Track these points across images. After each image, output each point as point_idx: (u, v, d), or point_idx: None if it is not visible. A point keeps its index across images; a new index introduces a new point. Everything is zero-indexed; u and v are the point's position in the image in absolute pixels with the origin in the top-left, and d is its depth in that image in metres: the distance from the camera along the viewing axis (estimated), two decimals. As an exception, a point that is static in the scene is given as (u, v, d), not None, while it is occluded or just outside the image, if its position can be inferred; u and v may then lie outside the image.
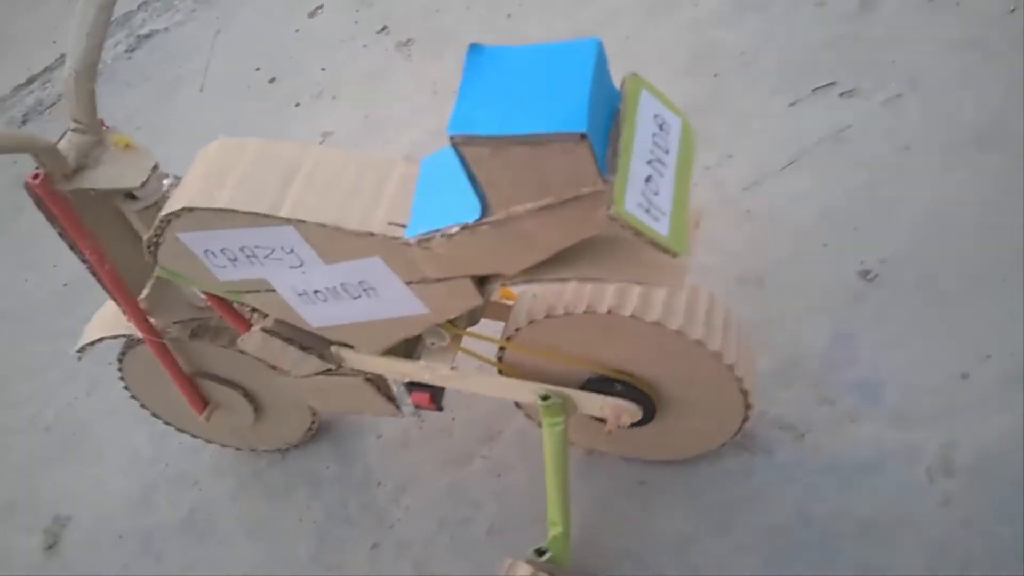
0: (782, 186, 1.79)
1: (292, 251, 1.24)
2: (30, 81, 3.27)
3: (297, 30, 2.86)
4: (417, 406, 1.51)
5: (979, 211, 1.63)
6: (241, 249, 1.27)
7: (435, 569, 1.58)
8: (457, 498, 1.65)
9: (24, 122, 3.12)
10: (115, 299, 1.48)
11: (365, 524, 1.69)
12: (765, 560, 1.39)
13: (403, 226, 1.17)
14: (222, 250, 1.28)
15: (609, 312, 1.27)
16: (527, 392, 1.41)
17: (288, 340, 1.42)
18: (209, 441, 1.89)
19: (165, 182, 1.34)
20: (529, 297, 1.36)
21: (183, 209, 1.22)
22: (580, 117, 0.92)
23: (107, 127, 1.35)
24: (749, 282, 1.68)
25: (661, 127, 1.03)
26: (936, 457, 1.39)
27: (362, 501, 1.72)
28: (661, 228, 0.99)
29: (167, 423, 1.86)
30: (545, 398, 1.38)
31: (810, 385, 1.50)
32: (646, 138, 1.00)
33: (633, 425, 1.41)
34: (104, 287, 1.46)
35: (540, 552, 1.36)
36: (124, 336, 1.61)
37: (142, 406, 1.82)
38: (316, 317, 1.36)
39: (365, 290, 1.27)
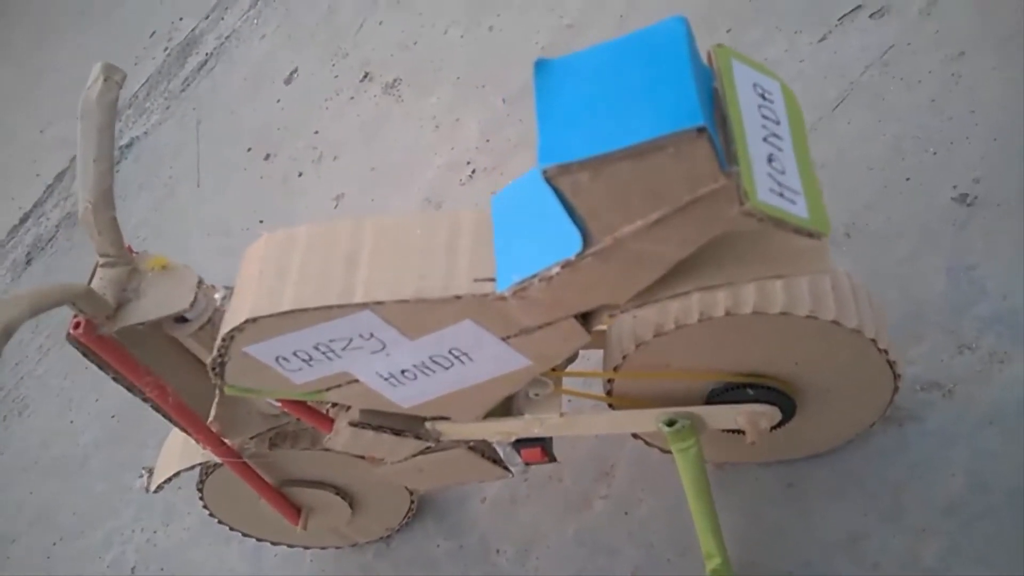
0: (842, 127, 1.64)
1: (372, 336, 1.11)
2: (24, 220, 3.16)
3: (278, 100, 2.73)
4: (528, 463, 1.37)
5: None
6: (316, 347, 1.14)
7: (587, 629, 1.43)
8: (589, 547, 1.50)
9: (28, 262, 3.00)
10: (185, 430, 1.35)
11: (496, 598, 1.54)
12: (951, 540, 1.23)
13: (491, 280, 1.03)
14: (295, 353, 1.16)
15: (727, 314, 1.12)
16: (649, 421, 1.26)
17: (379, 428, 1.29)
18: (307, 548, 1.75)
19: (217, 296, 1.22)
20: (628, 318, 1.21)
21: (246, 322, 1.09)
22: (693, 109, 0.78)
23: (136, 252, 1.23)
24: (835, 239, 1.53)
25: (763, 97, 0.88)
26: (1109, 379, 1.23)
27: (485, 572, 1.58)
28: (800, 210, 0.85)
29: (260, 539, 1.73)
30: (671, 423, 1.23)
31: (942, 334, 1.34)
32: (753, 114, 0.86)
33: (773, 427, 1.25)
34: (171, 420, 1.34)
35: (706, 589, 1.21)
36: (201, 464, 1.48)
37: (231, 528, 1.69)
38: (407, 397, 1.22)
39: (457, 357, 1.13)
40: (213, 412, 1.39)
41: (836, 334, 1.13)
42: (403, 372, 1.17)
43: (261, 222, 2.46)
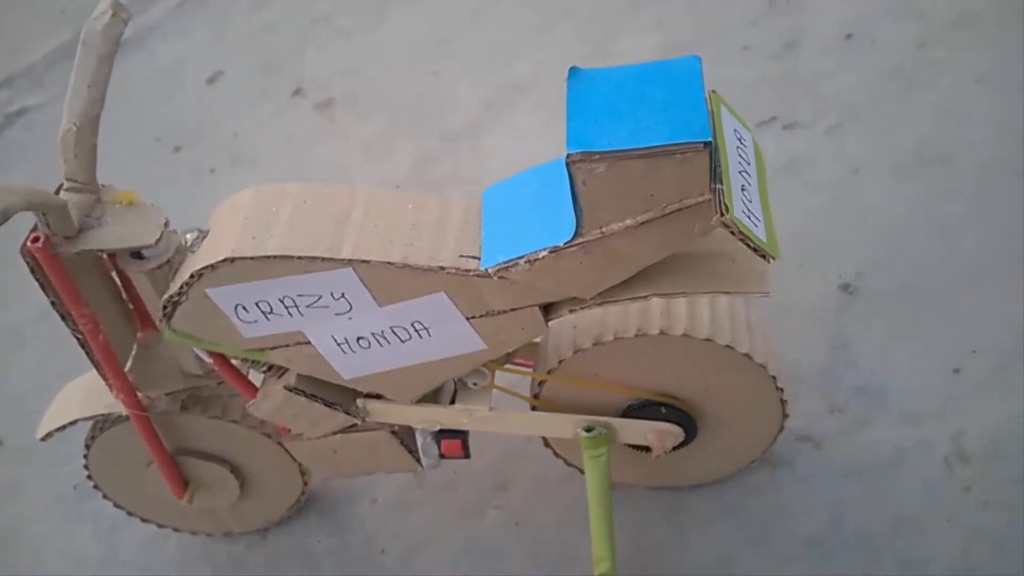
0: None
1: (342, 296, 1.23)
2: None
3: (197, 99, 2.82)
4: (445, 456, 1.50)
5: (934, 221, 1.82)
6: (281, 300, 1.25)
7: (466, 628, 1.55)
8: (476, 553, 1.64)
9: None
10: (103, 372, 1.41)
11: (376, 594, 1.65)
12: (810, 567, 1.47)
13: (476, 258, 1.19)
14: (257, 303, 1.26)
15: (661, 333, 1.33)
16: (569, 426, 1.43)
17: (312, 397, 1.39)
18: (176, 530, 1.79)
19: (188, 236, 1.30)
20: (568, 326, 1.40)
21: (224, 260, 1.19)
22: (703, 126, 1.00)
23: (103, 185, 1.30)
24: (735, 306, 1.79)
25: (740, 141, 1.12)
26: (949, 447, 1.53)
27: (367, 570, 1.68)
28: (762, 234, 1.07)
29: (131, 513, 1.75)
30: (589, 429, 1.42)
31: (817, 397, 1.61)
32: (733, 151, 1.09)
33: (672, 449, 1.46)
34: (92, 360, 1.40)
35: (592, 589, 1.38)
36: (101, 416, 1.53)
37: (104, 496, 1.71)
38: (352, 367, 1.34)
39: (417, 331, 1.27)
40: (131, 362, 1.47)
41: (745, 367, 1.36)
42: (359, 339, 1.30)
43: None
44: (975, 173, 1.87)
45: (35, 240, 1.23)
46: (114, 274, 1.42)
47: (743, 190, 1.09)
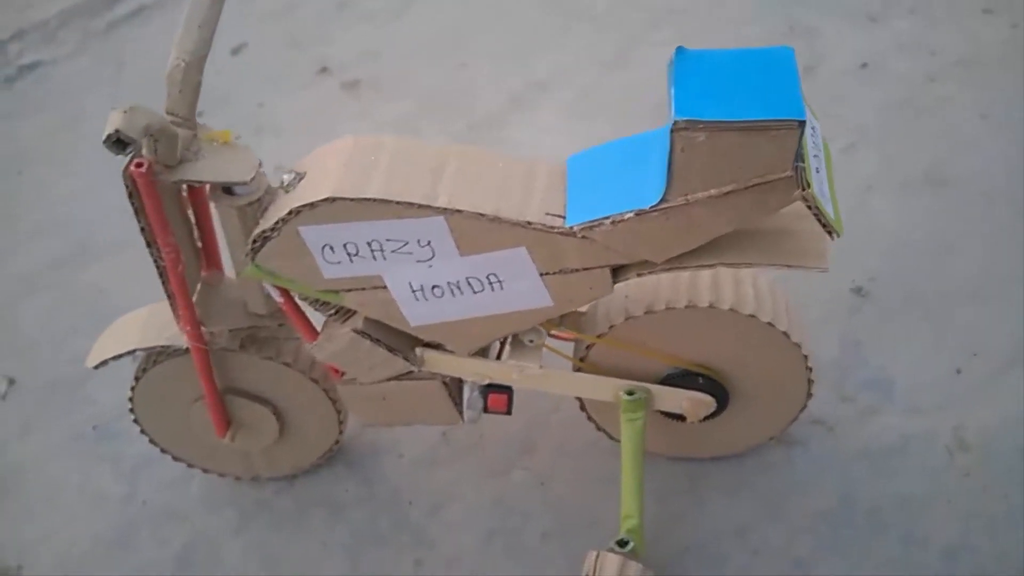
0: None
1: (428, 244, 1.34)
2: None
3: (220, 68, 2.89)
4: (489, 410, 1.60)
5: (940, 237, 2.00)
6: (369, 243, 1.34)
7: (491, 577, 1.66)
8: (502, 509, 1.75)
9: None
10: (174, 303, 1.49)
11: (402, 542, 1.74)
12: (819, 539, 1.61)
13: (560, 216, 1.31)
14: (345, 245, 1.35)
15: (710, 306, 1.46)
16: (611, 389, 1.55)
17: (377, 341, 1.49)
18: (206, 470, 1.86)
19: (285, 176, 1.39)
20: (620, 295, 1.52)
21: (325, 200, 1.29)
22: (799, 107, 1.13)
23: (201, 124, 1.38)
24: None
25: (813, 129, 1.26)
26: (951, 437, 1.69)
27: (394, 519, 1.77)
28: (830, 212, 1.21)
29: (164, 450, 1.82)
30: (631, 393, 1.54)
31: (830, 386, 1.75)
32: (808, 136, 1.22)
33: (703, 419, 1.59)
34: (167, 289, 1.48)
35: (622, 543, 1.49)
36: (160, 348, 1.60)
37: (141, 431, 1.78)
38: (421, 315, 1.44)
39: (491, 283, 1.38)
40: (196, 297, 1.55)
41: (783, 346, 1.50)
42: (434, 287, 1.40)
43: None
44: (977, 197, 2.06)
45: (139, 165, 1.32)
46: (189, 212, 1.50)
47: (817, 171, 1.23)
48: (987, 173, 2.10)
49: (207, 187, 1.40)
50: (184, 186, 1.43)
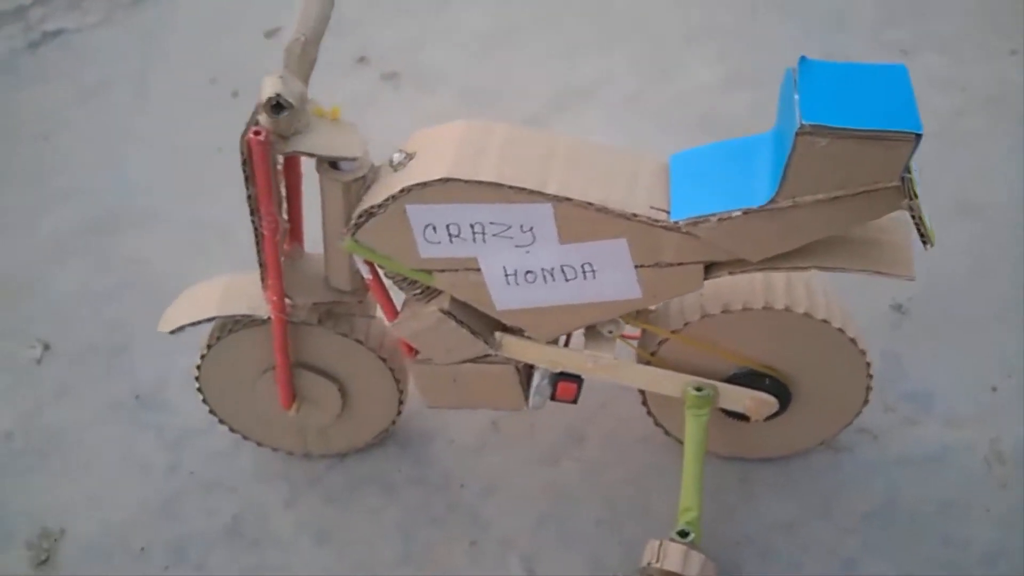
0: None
1: (531, 229, 1.40)
2: None
3: (254, 49, 2.92)
4: (557, 399, 1.66)
5: (972, 264, 2.11)
6: (472, 225, 1.40)
7: (546, 561, 1.71)
8: (554, 495, 1.81)
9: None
10: (265, 272, 1.53)
11: (456, 523, 1.79)
12: (864, 539, 1.70)
13: (665, 211, 1.38)
14: (448, 226, 1.41)
15: (785, 309, 1.54)
16: (680, 384, 1.63)
17: (461, 323, 1.54)
18: (260, 444, 1.89)
19: (396, 156, 1.44)
20: (695, 294, 1.59)
21: (440, 180, 1.34)
22: (916, 120, 1.22)
23: (309, 99, 1.42)
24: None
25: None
26: (988, 449, 1.79)
27: (447, 501, 1.82)
28: (928, 222, 1.30)
29: (222, 421, 1.85)
30: (699, 389, 1.61)
31: (874, 397, 1.84)
32: None
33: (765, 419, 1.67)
34: (261, 258, 1.51)
35: (683, 534, 1.56)
36: (242, 316, 1.63)
37: (204, 401, 1.81)
38: (510, 300, 1.50)
39: (584, 272, 1.44)
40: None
41: (849, 353, 1.59)
42: (527, 273, 1.47)
43: (220, 150, 2.60)
44: (1007, 226, 2.18)
45: (257, 133, 1.36)
46: (282, 187, 1.54)
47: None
48: (1014, 204, 2.23)
49: (315, 161, 1.45)
50: (280, 159, 1.47)
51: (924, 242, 1.34)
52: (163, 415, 2.01)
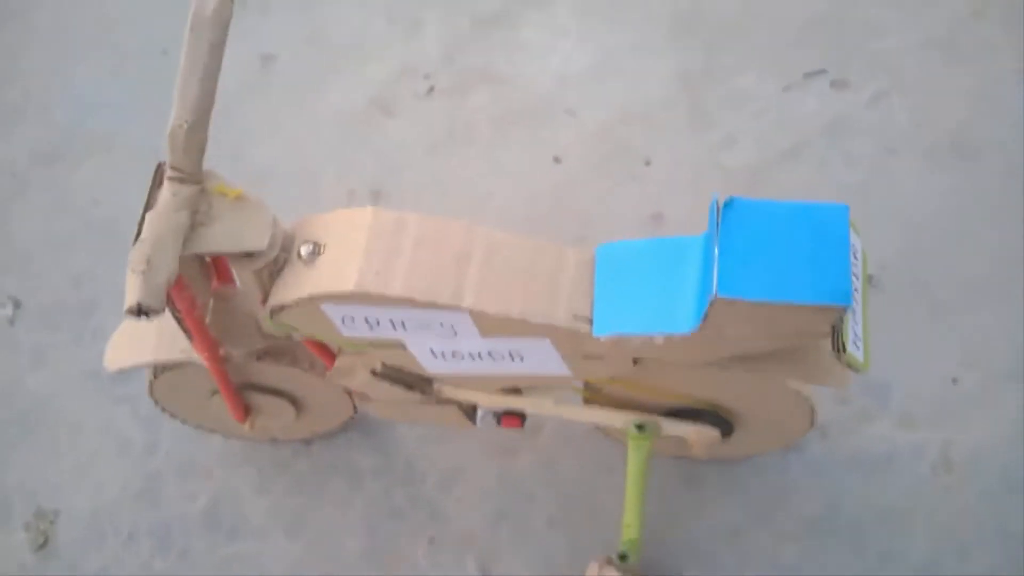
0: (783, 178, 2.10)
1: (451, 326, 1.36)
2: None
3: None
4: (503, 427, 1.70)
5: (961, 221, 2.01)
6: (391, 320, 1.36)
7: (499, 563, 1.83)
8: (510, 489, 1.89)
9: None
10: (191, 337, 1.50)
11: (417, 517, 1.89)
12: (803, 549, 1.78)
13: (589, 320, 1.32)
14: (366, 318, 1.37)
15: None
16: (623, 420, 1.64)
17: (395, 381, 1.54)
18: (227, 436, 1.96)
19: (303, 249, 1.34)
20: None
21: (350, 294, 1.28)
22: (846, 291, 1.12)
23: (204, 171, 1.28)
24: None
25: (855, 256, 1.21)
26: (937, 455, 1.82)
27: (409, 493, 1.92)
28: (860, 355, 1.24)
29: (186, 423, 1.91)
30: (640, 427, 1.63)
31: (827, 388, 1.84)
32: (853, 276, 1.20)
33: (706, 443, 1.70)
34: (183, 328, 1.47)
35: (623, 557, 1.65)
36: (181, 362, 1.64)
37: (163, 411, 1.86)
38: (440, 367, 1.48)
39: (512, 356, 1.42)
40: (209, 315, 1.54)
41: (789, 394, 1.56)
42: (454, 353, 1.44)
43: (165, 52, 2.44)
44: (1000, 175, 2.04)
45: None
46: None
47: (854, 314, 1.24)
48: (1014, 145, 2.06)
49: None
50: None
51: (857, 372, 1.29)
52: (135, 386, 2.07)
